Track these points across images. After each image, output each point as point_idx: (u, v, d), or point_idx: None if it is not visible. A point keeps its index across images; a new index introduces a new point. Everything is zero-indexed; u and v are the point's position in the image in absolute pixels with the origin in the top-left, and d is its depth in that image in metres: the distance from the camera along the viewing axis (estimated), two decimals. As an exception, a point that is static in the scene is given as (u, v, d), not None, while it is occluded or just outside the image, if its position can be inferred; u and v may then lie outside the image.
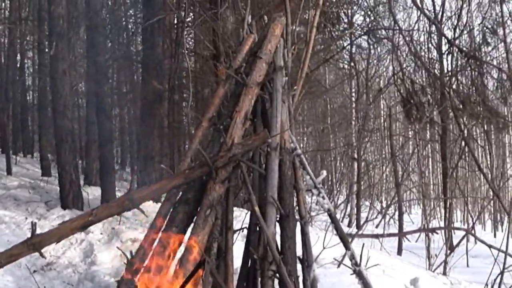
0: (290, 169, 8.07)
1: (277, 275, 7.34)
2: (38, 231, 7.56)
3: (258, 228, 7.85)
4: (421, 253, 16.29)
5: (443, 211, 20.03)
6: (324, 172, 8.71)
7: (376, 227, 22.35)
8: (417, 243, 19.46)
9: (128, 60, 23.76)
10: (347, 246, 7.83)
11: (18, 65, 28.78)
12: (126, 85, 31.16)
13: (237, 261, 8.14)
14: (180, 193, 8.10)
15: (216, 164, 7.59)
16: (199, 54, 19.08)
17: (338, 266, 10.21)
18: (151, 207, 11.21)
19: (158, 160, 15.05)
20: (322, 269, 9.76)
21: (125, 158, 30.06)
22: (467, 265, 16.35)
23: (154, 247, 7.22)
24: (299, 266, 7.83)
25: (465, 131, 18.22)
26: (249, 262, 8.00)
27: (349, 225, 23.01)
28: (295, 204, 8.31)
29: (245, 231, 8.43)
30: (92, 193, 16.20)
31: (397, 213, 20.38)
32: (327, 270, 10.09)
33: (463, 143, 18.40)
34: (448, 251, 15.30)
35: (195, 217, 7.72)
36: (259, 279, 7.66)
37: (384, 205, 25.62)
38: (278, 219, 7.77)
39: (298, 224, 8.02)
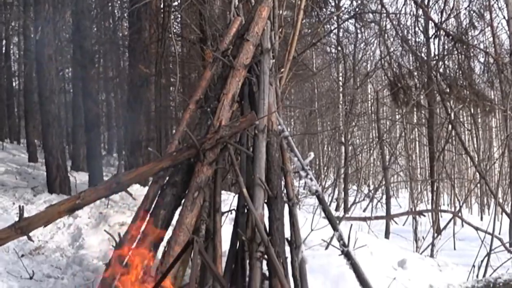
0: (278, 151, 8.08)
1: (265, 256, 7.36)
2: (26, 215, 7.55)
3: (246, 210, 7.86)
4: (408, 236, 16.35)
5: (430, 194, 20.11)
6: (312, 154, 8.74)
7: (364, 210, 22.44)
8: (404, 227, 19.53)
9: (114, 44, 23.59)
10: (335, 227, 7.86)
11: (3, 51, 28.60)
12: (113, 70, 30.97)
13: (225, 244, 8.15)
14: (168, 176, 8.11)
15: (203, 146, 7.60)
16: (186, 38, 18.99)
17: (326, 247, 10.26)
18: (139, 191, 11.23)
19: (145, 145, 15.01)
20: (310, 251, 9.77)
21: (112, 143, 29.95)
22: (454, 248, 16.44)
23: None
24: (287, 248, 7.84)
25: (452, 115, 18.26)
26: (237, 243, 8.01)
27: (336, 209, 23.08)
28: (283, 186, 8.32)
29: (233, 213, 8.45)
30: (79, 178, 16.14)
31: (384, 196, 20.46)
32: (315, 252, 10.10)
33: (450, 126, 18.45)
34: (435, 234, 15.35)
35: (183, 200, 7.74)
36: (248, 260, 7.67)
37: (372, 189, 25.72)
38: (266, 201, 7.79)
39: (286, 206, 8.03)
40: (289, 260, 7.72)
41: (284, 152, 8.19)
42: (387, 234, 17.44)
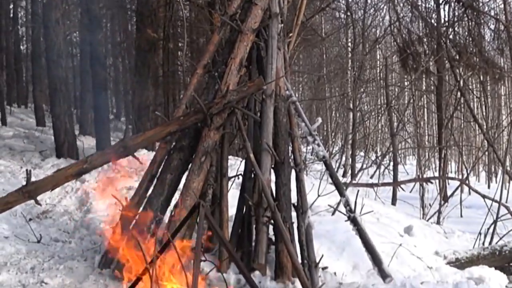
0: (285, 116, 8.05)
1: (272, 221, 7.38)
2: (33, 180, 7.57)
3: (253, 175, 7.87)
4: (415, 203, 16.34)
5: (437, 162, 20.06)
6: (320, 119, 8.69)
7: (371, 177, 22.40)
8: (411, 194, 19.50)
9: (122, 8, 23.43)
10: (341, 193, 7.85)
11: (11, 15, 28.42)
12: (120, 34, 30.80)
13: (232, 209, 8.18)
14: (175, 140, 8.11)
15: (211, 110, 7.58)
16: (194, 2, 18.81)
17: (333, 213, 10.28)
18: (146, 155, 11.22)
19: (152, 110, 15.00)
20: (316, 217, 9.78)
21: (119, 108, 29.93)
22: (461, 215, 16.41)
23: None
24: (293, 213, 7.85)
25: (461, 82, 18.14)
26: (244, 208, 8.04)
27: (343, 175, 23.04)
28: (290, 151, 8.30)
29: (240, 178, 8.45)
30: (87, 143, 16.17)
31: (391, 163, 20.42)
32: (322, 217, 10.12)
33: (458, 93, 18.32)
34: (442, 201, 15.34)
35: (190, 164, 7.75)
36: (254, 225, 7.71)
37: (379, 155, 25.66)
38: (273, 166, 7.78)
39: (293, 171, 8.02)
40: (295, 225, 7.74)
41: (291, 118, 8.15)
42: (394, 201, 17.44)
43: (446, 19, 19.97)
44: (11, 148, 15.03)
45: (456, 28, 20.20)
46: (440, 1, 19.97)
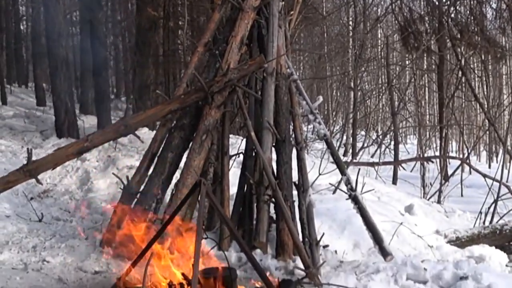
0: (286, 94, 8.03)
1: (273, 199, 7.39)
2: (34, 159, 7.57)
3: (254, 154, 7.87)
4: (415, 182, 16.36)
5: (438, 141, 20.05)
6: (321, 98, 8.67)
7: (372, 156, 22.37)
8: (412, 173, 19.51)
9: (122, -13, 23.36)
10: (343, 172, 7.85)
11: (10, -6, 28.29)
12: (121, 13, 30.70)
13: (233, 188, 8.18)
14: (176, 119, 8.10)
15: (212, 89, 7.57)
16: (194, -20, 18.71)
17: (334, 192, 10.28)
18: (147, 134, 11.21)
19: (153, 89, 14.96)
20: (317, 195, 9.78)
21: (120, 87, 29.82)
22: (461, 195, 16.42)
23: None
24: (294, 192, 7.86)
25: (462, 61, 18.06)
26: (245, 187, 8.05)
27: (344, 155, 23.02)
28: (291, 130, 8.29)
29: (241, 156, 8.45)
30: (88, 122, 16.13)
31: (392, 142, 20.40)
32: (323, 196, 10.12)
33: (460, 72, 18.24)
34: (443, 181, 15.36)
35: (191, 143, 7.74)
36: (255, 203, 7.72)
37: (380, 134, 25.64)
38: (274, 144, 7.78)
39: (294, 150, 8.02)
40: (296, 204, 7.74)
41: (292, 96, 8.13)
42: (394, 180, 17.44)
43: (448, -3, 19.85)
44: (12, 128, 15.01)
45: (457, 7, 20.11)
46: (442, -21, 19.85)
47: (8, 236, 8.34)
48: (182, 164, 7.92)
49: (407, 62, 25.23)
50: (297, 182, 7.81)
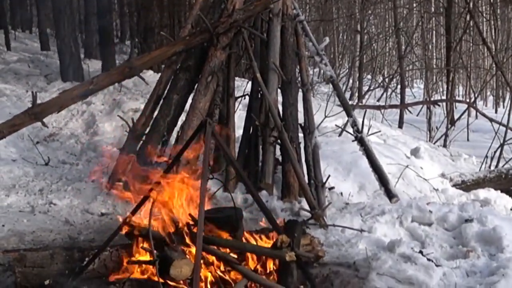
0: (292, 35, 7.94)
1: (279, 141, 7.37)
2: (39, 102, 7.54)
3: (259, 95, 7.81)
4: (422, 126, 16.33)
5: (445, 86, 19.92)
6: (327, 39, 8.57)
7: (378, 100, 22.29)
8: (418, 117, 19.47)
9: None
10: (349, 113, 7.80)
11: None
12: (124, -45, 30.32)
13: (238, 130, 8.17)
14: (181, 60, 8.04)
15: (217, 30, 7.48)
16: None
17: (340, 134, 10.27)
18: (152, 77, 11.15)
19: (158, 32, 14.78)
20: (323, 137, 9.75)
21: (124, 30, 29.43)
22: (467, 139, 16.39)
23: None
24: (300, 134, 7.83)
25: (471, 4, 17.79)
26: (251, 129, 8.02)
27: (350, 98, 22.82)
28: (297, 71, 8.23)
29: (247, 98, 8.41)
30: (93, 66, 16.04)
31: (399, 86, 20.30)
32: (329, 138, 10.10)
33: (468, 16, 18.00)
34: (449, 125, 15.32)
35: (196, 84, 7.69)
36: (261, 145, 7.71)
37: (386, 77, 25.48)
38: (280, 86, 7.72)
39: (300, 91, 7.96)
40: (302, 146, 7.73)
41: (298, 37, 8.03)
42: (400, 124, 17.40)
43: None
44: (16, 73, 14.96)
45: None
46: None
47: (15, 179, 8.40)
48: (187, 107, 7.89)
49: (414, 5, 24.91)
50: (303, 124, 7.78)
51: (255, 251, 4.77)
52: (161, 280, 4.31)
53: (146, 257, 4.73)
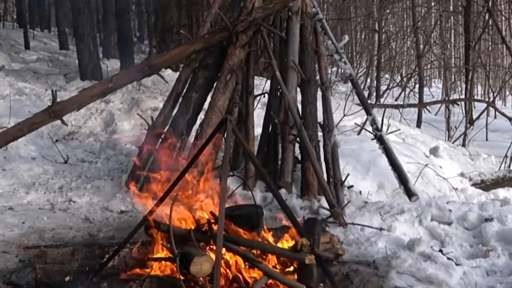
0: (312, 33, 7.92)
1: (298, 139, 7.36)
2: (58, 101, 7.58)
3: (279, 93, 7.81)
4: (440, 126, 16.26)
5: (464, 85, 19.80)
6: (346, 37, 8.55)
7: (396, 100, 22.22)
8: (436, 116, 19.36)
9: None
10: (368, 111, 7.76)
11: None
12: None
13: (257, 129, 8.16)
14: (200, 59, 8.05)
15: (236, 28, 7.49)
16: None
17: (359, 132, 10.24)
18: (171, 76, 11.18)
19: (176, 31, 14.82)
20: (342, 136, 9.73)
21: (143, 30, 29.60)
22: (486, 139, 16.30)
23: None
24: (319, 132, 7.82)
25: (490, 3, 17.68)
26: (270, 127, 8.02)
27: (368, 97, 22.67)
28: (316, 69, 8.21)
29: (265, 97, 8.40)
30: (111, 65, 16.11)
31: (417, 86, 20.21)
32: (348, 137, 10.07)
33: (487, 14, 17.89)
34: (468, 124, 15.24)
35: (216, 82, 7.71)
36: (280, 143, 7.70)
37: (404, 76, 25.36)
38: (299, 84, 7.71)
39: (319, 90, 7.95)
40: (321, 144, 7.71)
41: (317, 35, 8.01)
42: (419, 123, 17.31)
43: None
44: (36, 72, 15.07)
45: None
46: None
47: (35, 177, 8.46)
48: (206, 105, 7.91)
49: (433, 4, 24.78)
50: (322, 123, 7.76)
51: (275, 252, 4.77)
52: (181, 277, 4.32)
53: (166, 254, 4.74)
